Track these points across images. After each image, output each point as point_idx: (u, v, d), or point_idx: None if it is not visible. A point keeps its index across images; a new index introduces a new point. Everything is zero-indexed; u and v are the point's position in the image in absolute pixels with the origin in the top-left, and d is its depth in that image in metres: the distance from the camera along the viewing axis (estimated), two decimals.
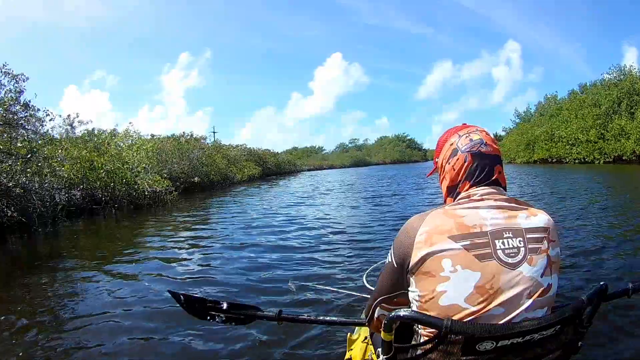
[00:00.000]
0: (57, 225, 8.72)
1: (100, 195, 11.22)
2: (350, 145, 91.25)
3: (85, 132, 15.62)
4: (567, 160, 33.61)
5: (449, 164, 1.05)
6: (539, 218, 0.98)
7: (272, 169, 35.69)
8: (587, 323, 0.97)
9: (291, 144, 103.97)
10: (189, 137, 20.93)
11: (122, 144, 14.45)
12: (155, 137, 18.21)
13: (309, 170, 51.64)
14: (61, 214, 9.11)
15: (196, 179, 17.15)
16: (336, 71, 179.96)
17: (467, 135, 1.05)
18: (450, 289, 0.90)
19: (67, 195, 11.32)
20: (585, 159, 31.69)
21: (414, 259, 0.93)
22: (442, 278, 0.90)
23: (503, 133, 55.77)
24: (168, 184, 12.67)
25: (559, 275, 0.98)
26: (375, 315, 1.10)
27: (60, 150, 9.62)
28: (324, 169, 58.39)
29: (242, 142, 36.67)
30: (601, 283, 0.99)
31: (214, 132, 48.01)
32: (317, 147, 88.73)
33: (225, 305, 1.33)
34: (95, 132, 16.22)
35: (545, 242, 0.94)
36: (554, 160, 35.24)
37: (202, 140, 21.98)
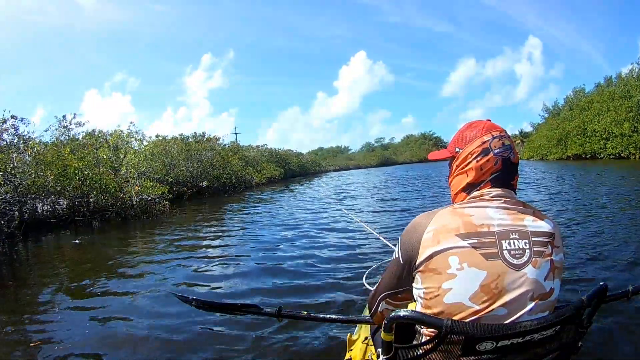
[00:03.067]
0: (6, 243, 6.84)
1: (79, 206, 9.39)
2: (376, 144, 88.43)
3: (84, 133, 13.90)
4: (602, 155, 31.13)
5: (477, 161, 0.99)
6: (545, 223, 0.95)
7: (295, 170, 33.54)
8: (587, 323, 0.96)
9: (317, 144, 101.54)
10: (199, 137, 18.92)
11: (118, 145, 12.53)
12: (159, 137, 16.32)
13: (334, 170, 49.35)
14: (18, 231, 7.28)
15: (205, 183, 15.12)
16: (361, 70, 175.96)
17: (500, 138, 0.99)
18: (455, 286, 0.87)
19: (50, 206, 9.69)
20: (621, 154, 29.38)
21: (421, 256, 0.91)
22: (448, 275, 0.88)
23: (529, 129, 52.79)
24: (164, 190, 10.64)
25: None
26: (380, 309, 1.07)
27: (17, 155, 7.68)
28: (350, 169, 56.04)
29: (268, 144, 34.58)
30: (601, 284, 0.96)
31: (235, 133, 46.09)
32: (342, 147, 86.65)
33: (225, 306, 1.36)
34: (96, 133, 14.47)
35: (549, 246, 0.92)
36: (588, 156, 32.77)
37: (216, 141, 19.93)
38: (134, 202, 9.57)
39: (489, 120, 1.03)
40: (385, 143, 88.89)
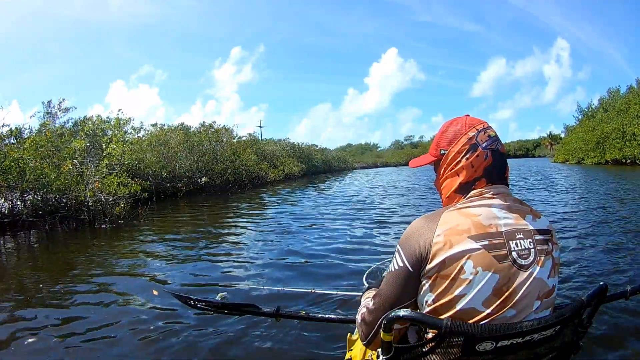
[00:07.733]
0: None
1: (30, 206, 7.32)
2: (405, 142, 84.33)
3: (71, 120, 11.95)
4: None
5: (467, 158, 0.91)
6: (543, 220, 0.90)
7: (318, 166, 30.91)
8: (587, 323, 0.92)
9: (348, 141, 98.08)
10: (205, 127, 16.62)
11: (97, 133, 10.41)
12: (155, 127, 14.15)
13: (361, 168, 46.34)
14: None
15: (203, 179, 12.81)
16: (392, 67, 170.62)
17: (484, 130, 0.92)
18: (469, 292, 0.81)
19: (10, 203, 7.73)
20: None
21: (432, 261, 0.82)
22: (462, 281, 0.81)
23: (557, 131, 48.55)
24: (136, 189, 8.38)
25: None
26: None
27: None
28: (379, 166, 52.79)
29: (298, 139, 32.15)
30: (601, 283, 0.91)
31: (260, 127, 43.82)
32: (372, 144, 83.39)
33: (224, 305, 1.30)
34: (90, 122, 12.49)
35: (550, 244, 0.88)
36: (628, 161, 28.98)
37: (226, 132, 17.60)
38: (90, 205, 7.34)
39: (468, 115, 0.97)
40: (415, 141, 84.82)
